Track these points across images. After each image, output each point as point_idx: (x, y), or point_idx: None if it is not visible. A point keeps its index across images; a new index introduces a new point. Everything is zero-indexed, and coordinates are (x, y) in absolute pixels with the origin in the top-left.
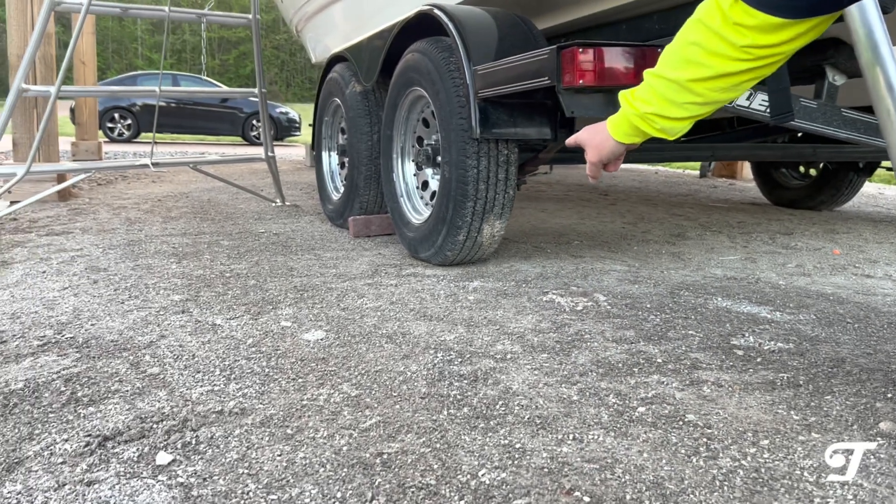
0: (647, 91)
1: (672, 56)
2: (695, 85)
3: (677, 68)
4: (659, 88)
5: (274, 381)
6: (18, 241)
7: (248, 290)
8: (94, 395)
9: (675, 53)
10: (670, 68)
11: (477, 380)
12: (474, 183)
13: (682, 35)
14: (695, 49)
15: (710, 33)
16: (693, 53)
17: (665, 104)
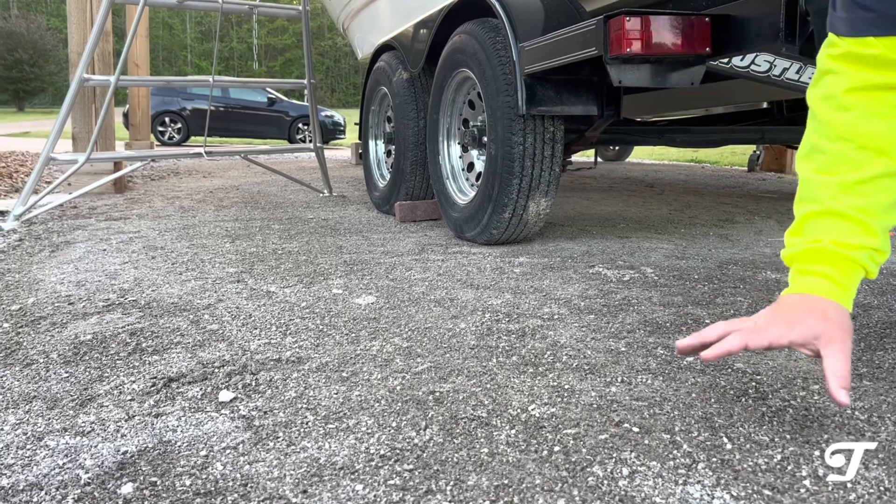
0: (849, 221)
1: (844, 155)
2: None
3: (868, 159)
4: (866, 203)
5: (328, 336)
6: (79, 225)
7: (300, 265)
8: (158, 346)
9: (847, 147)
10: (855, 168)
11: (525, 335)
12: (520, 160)
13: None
14: (870, 121)
15: (875, 92)
16: (871, 127)
17: (883, 214)
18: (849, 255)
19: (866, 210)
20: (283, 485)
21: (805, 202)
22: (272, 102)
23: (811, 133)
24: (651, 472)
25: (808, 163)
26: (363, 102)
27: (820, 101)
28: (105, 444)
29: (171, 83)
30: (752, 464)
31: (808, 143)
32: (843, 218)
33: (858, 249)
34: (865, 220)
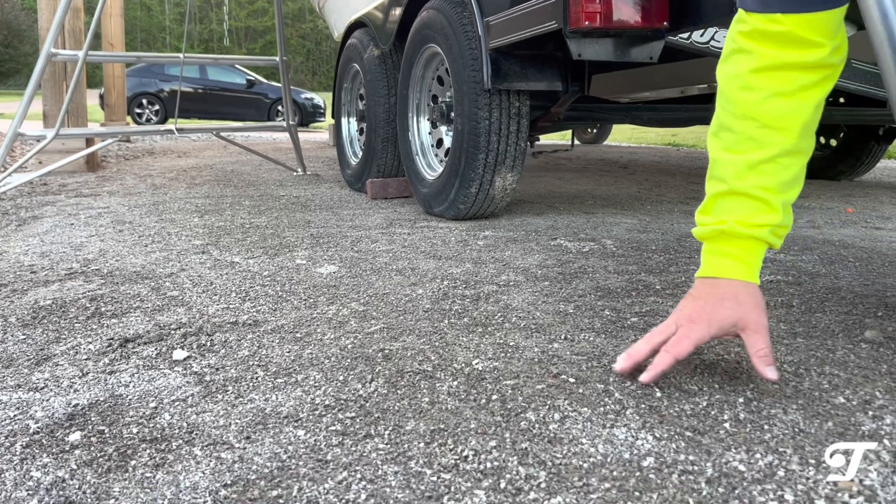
0: (752, 199)
1: (749, 134)
2: (804, 140)
3: (771, 138)
4: (769, 181)
5: (286, 301)
6: (49, 202)
7: (267, 238)
8: (117, 310)
9: (753, 126)
10: (759, 147)
11: (479, 299)
12: (486, 135)
13: (739, 104)
14: (775, 101)
15: (780, 71)
16: (776, 107)
17: (784, 191)
18: (752, 233)
19: (768, 188)
20: (227, 432)
21: (713, 181)
22: (251, 84)
23: (720, 110)
24: (581, 416)
25: (716, 140)
26: (336, 80)
27: (728, 80)
28: (57, 399)
29: (142, 59)
30: (678, 409)
31: (716, 121)
32: (747, 197)
33: (761, 227)
34: (768, 198)
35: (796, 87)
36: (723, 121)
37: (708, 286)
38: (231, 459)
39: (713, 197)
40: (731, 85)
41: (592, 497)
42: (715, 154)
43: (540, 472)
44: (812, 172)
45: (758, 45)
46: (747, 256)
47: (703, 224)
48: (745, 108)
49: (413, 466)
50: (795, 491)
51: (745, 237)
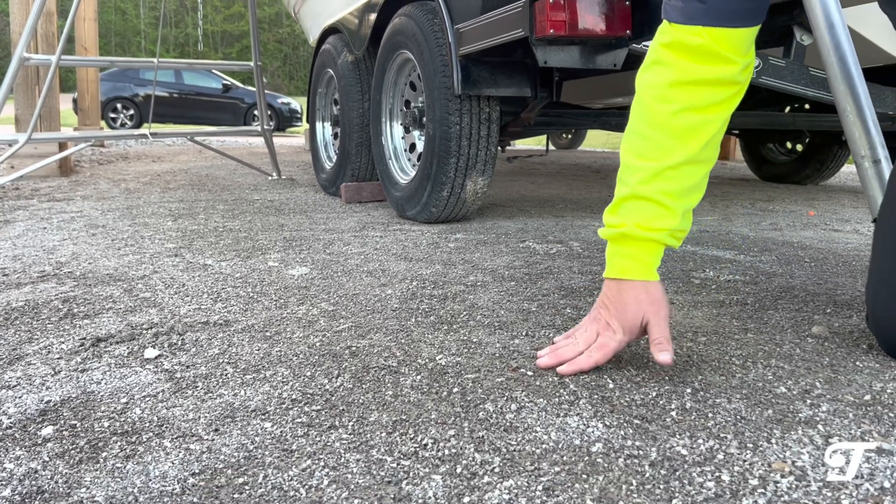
0: (653, 204)
1: (659, 143)
2: (709, 151)
3: (679, 147)
4: (671, 187)
5: (257, 302)
6: (21, 206)
7: (240, 241)
8: (90, 311)
9: (663, 135)
10: (666, 155)
11: (446, 299)
12: (457, 140)
13: (653, 114)
14: (687, 115)
15: (694, 87)
16: (687, 120)
17: (685, 196)
18: (651, 236)
19: (670, 194)
20: (196, 425)
21: (621, 184)
22: (227, 89)
23: (635, 116)
24: (537, 407)
25: (628, 145)
26: (310, 85)
27: (646, 88)
28: (29, 395)
29: (115, 63)
30: (629, 399)
31: (631, 125)
32: (649, 201)
33: (659, 231)
34: (668, 203)
35: (707, 102)
36: (636, 126)
37: (614, 290)
38: (200, 450)
39: (619, 200)
40: (648, 94)
41: (542, 480)
42: (625, 157)
43: (495, 457)
44: (779, 177)
45: (676, 56)
46: (646, 257)
47: (608, 225)
48: (658, 118)
49: (374, 454)
50: (732, 472)
51: (645, 239)
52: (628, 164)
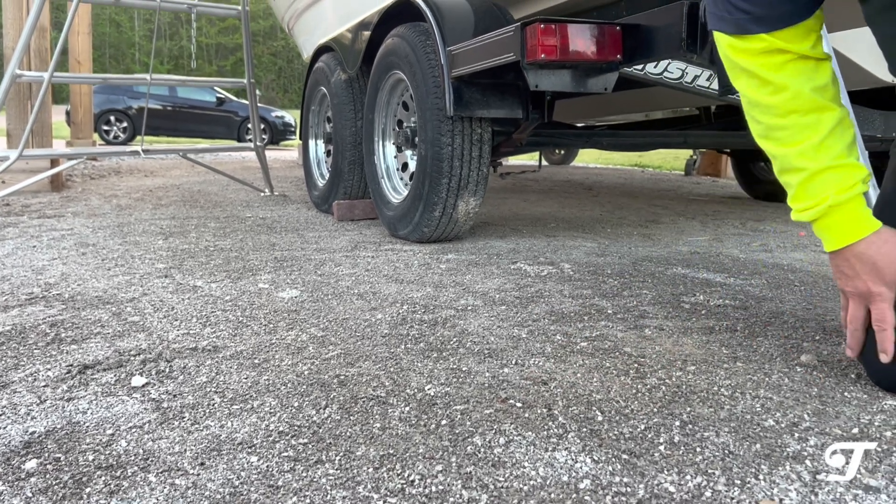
0: (834, 171)
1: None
2: (841, 108)
3: (819, 117)
4: (837, 150)
5: (246, 327)
6: (10, 223)
7: (231, 261)
8: (77, 336)
9: (798, 117)
10: (814, 129)
11: (437, 324)
12: (449, 160)
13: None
14: (803, 88)
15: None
16: (808, 91)
17: (850, 148)
18: (854, 194)
19: (840, 155)
20: (182, 458)
21: (790, 173)
22: (221, 102)
23: (760, 116)
24: (525, 440)
25: (771, 142)
26: (304, 102)
27: (756, 91)
28: (14, 426)
29: (109, 80)
30: (617, 433)
31: (761, 126)
32: (830, 170)
33: (854, 186)
34: (845, 162)
35: (805, 70)
36: (769, 124)
37: (851, 257)
38: (185, 486)
39: (800, 184)
40: (762, 93)
41: None
42: (776, 151)
43: (482, 495)
44: (771, 195)
45: (748, 60)
46: (859, 212)
47: (804, 209)
48: (781, 107)
49: (361, 491)
50: None
51: (851, 200)
52: (782, 154)
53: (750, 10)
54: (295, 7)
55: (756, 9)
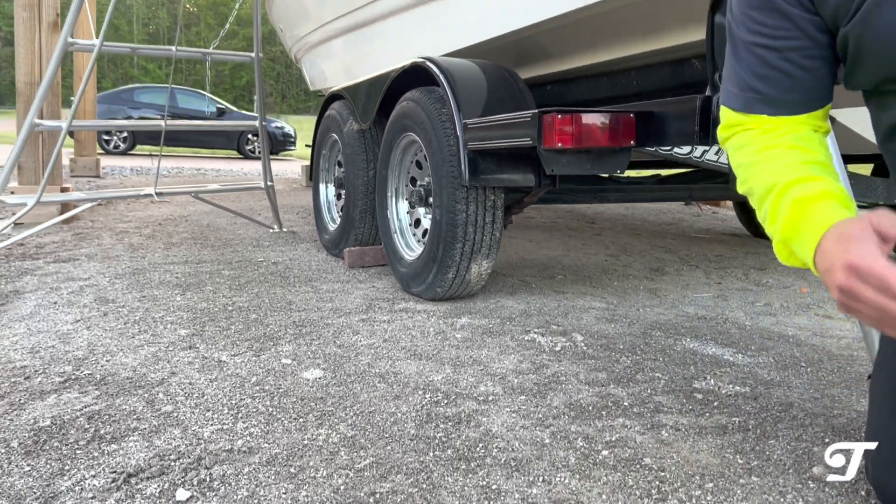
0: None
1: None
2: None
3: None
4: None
5: (277, 421)
6: (27, 269)
7: (250, 325)
8: (116, 433)
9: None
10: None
11: (461, 422)
12: (463, 226)
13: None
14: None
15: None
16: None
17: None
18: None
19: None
20: None
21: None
22: (221, 113)
23: (743, 175)
24: None
25: (745, 185)
26: (314, 146)
27: (745, 154)
28: None
29: (125, 127)
30: None
31: (744, 185)
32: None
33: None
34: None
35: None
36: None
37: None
38: None
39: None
40: (746, 154)
41: None
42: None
43: None
44: None
45: (749, 135)
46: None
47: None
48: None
49: None
50: None
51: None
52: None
53: (762, 90)
54: (305, 41)
55: (768, 91)
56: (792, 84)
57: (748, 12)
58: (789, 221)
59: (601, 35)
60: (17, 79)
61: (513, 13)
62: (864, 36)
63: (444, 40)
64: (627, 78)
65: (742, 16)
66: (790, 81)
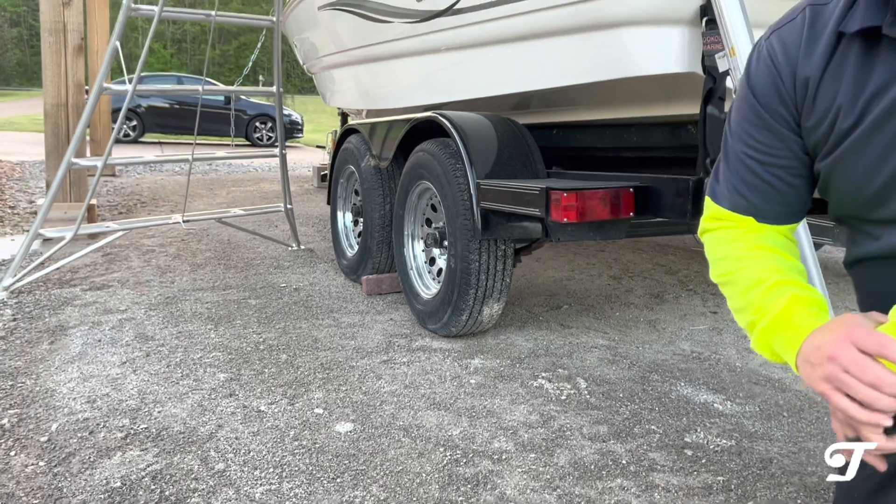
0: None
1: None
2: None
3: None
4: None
5: (318, 481)
6: (66, 298)
7: (282, 368)
8: (178, 494)
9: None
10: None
11: (478, 484)
12: (476, 274)
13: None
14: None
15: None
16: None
17: None
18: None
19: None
20: None
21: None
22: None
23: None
24: None
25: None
26: (332, 174)
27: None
28: None
29: (153, 162)
30: None
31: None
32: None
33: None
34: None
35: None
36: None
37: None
38: None
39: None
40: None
41: None
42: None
43: None
44: None
45: (731, 230)
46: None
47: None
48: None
49: None
50: None
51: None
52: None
53: (749, 198)
54: (321, 62)
55: (756, 200)
56: (778, 197)
57: (744, 126)
58: (783, 313)
59: (599, 98)
60: (44, 100)
61: (518, 80)
62: (831, 177)
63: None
64: (628, 133)
65: (738, 128)
66: (776, 195)
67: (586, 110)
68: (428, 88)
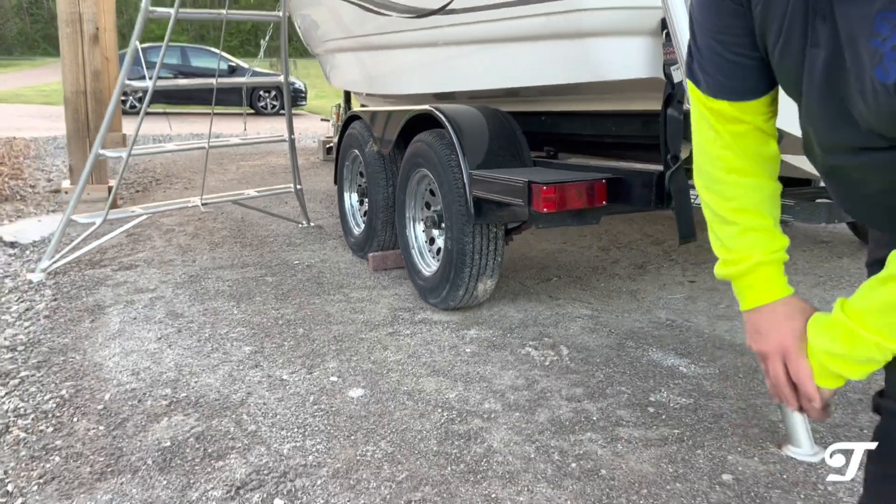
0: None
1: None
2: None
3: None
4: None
5: (335, 439)
6: (99, 278)
7: (300, 341)
8: (219, 451)
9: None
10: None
11: (470, 438)
12: (470, 255)
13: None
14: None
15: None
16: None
17: None
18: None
19: (771, 221)
20: None
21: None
22: (233, 71)
23: (705, 165)
24: None
25: (711, 193)
26: (337, 156)
27: (709, 141)
28: None
29: (175, 151)
30: None
31: (704, 177)
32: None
33: (779, 251)
34: (773, 228)
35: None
36: (713, 175)
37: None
38: None
39: (730, 237)
40: (712, 145)
41: None
42: (714, 204)
43: None
44: None
45: (714, 118)
46: (779, 275)
47: (730, 263)
48: (729, 162)
49: None
50: None
51: (774, 262)
52: (722, 207)
53: (714, 75)
54: (326, 46)
55: (719, 77)
56: (743, 73)
57: (705, 12)
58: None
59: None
60: (64, 88)
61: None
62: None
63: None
64: (608, 122)
65: (700, 17)
66: (743, 71)
67: (571, 102)
68: (424, 79)
